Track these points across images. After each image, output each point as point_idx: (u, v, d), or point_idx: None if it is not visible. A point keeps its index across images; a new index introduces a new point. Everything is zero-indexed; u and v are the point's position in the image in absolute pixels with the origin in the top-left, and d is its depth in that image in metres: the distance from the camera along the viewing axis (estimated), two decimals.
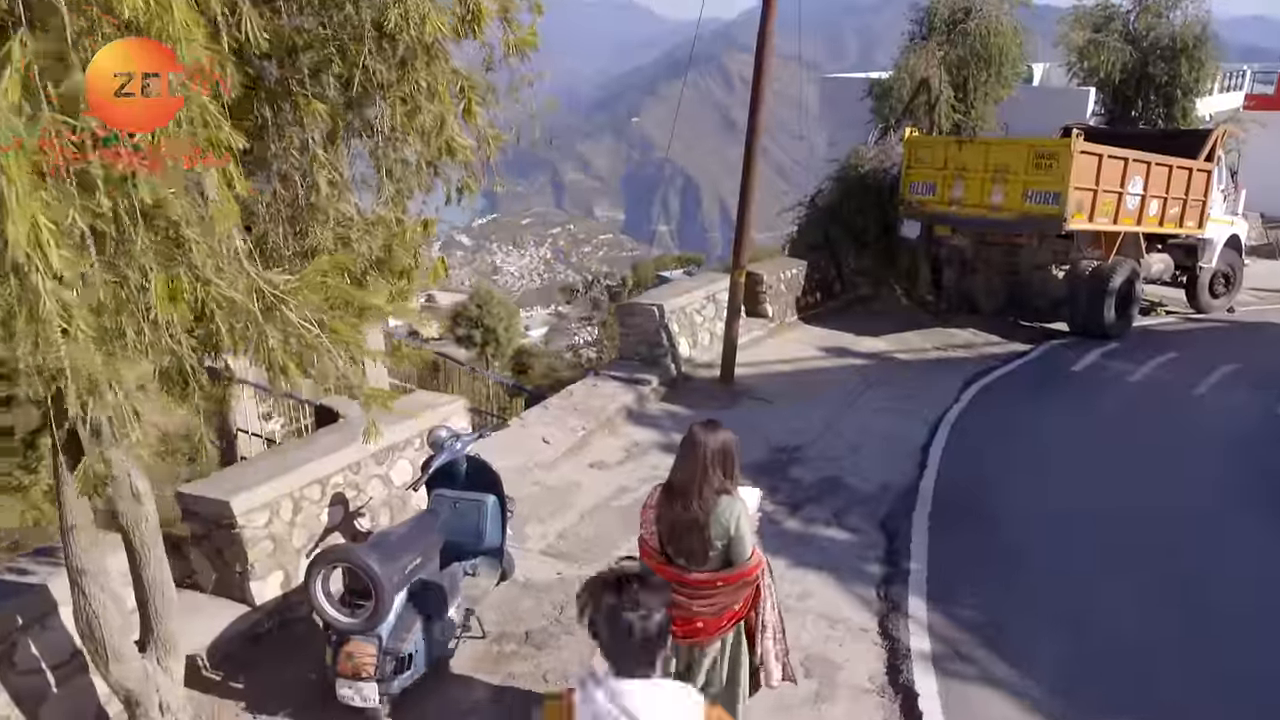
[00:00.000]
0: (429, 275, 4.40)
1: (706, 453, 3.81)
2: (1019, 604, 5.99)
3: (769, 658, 4.18)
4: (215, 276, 2.77)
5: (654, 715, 2.40)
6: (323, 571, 4.56)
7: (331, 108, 3.50)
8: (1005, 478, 8.01)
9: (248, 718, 4.88)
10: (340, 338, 3.00)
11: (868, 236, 13.85)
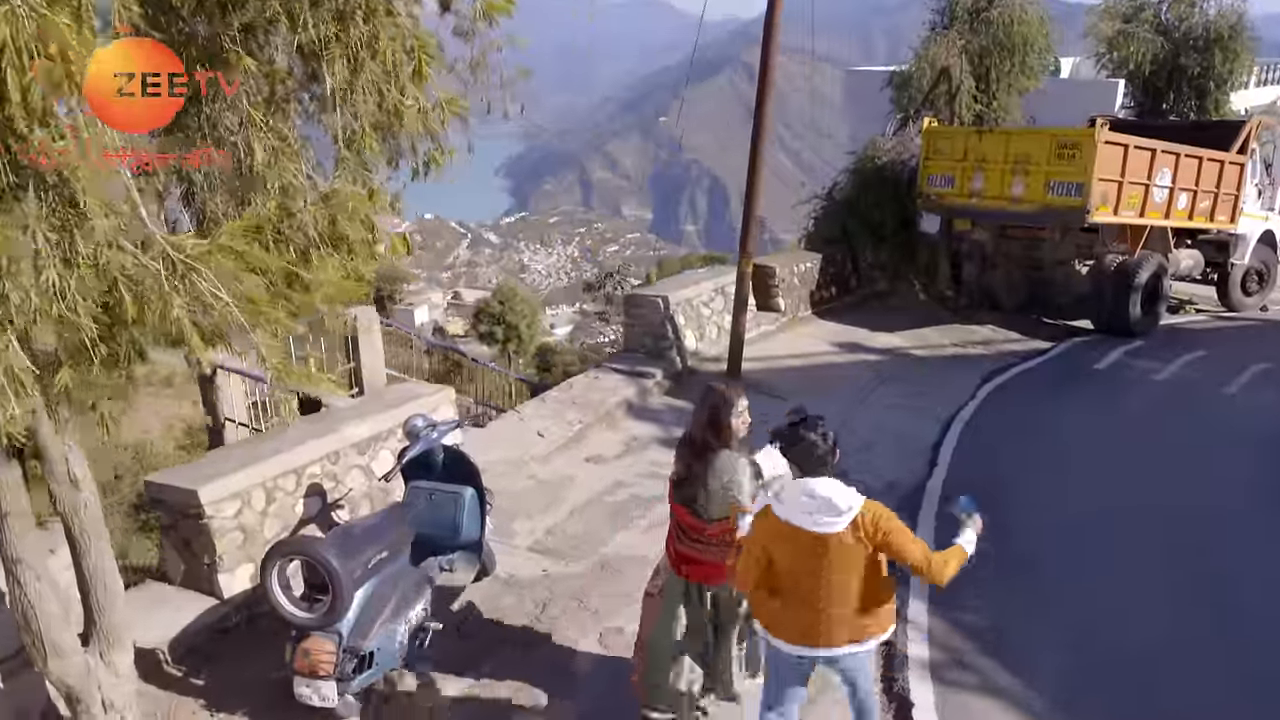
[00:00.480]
0: (390, 252, 4.15)
1: (714, 407, 4.04)
2: (1027, 609, 5.67)
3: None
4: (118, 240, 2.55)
5: (831, 493, 3.50)
6: (279, 564, 4.35)
7: (268, 68, 3.28)
8: (1019, 477, 7.67)
9: (205, 716, 4.68)
10: (259, 310, 2.76)
11: (885, 230, 13.49)
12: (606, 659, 5.17)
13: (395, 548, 4.78)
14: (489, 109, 4.23)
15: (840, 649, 3.72)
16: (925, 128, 12.62)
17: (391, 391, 6.96)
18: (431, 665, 4.92)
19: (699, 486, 4.07)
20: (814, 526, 3.51)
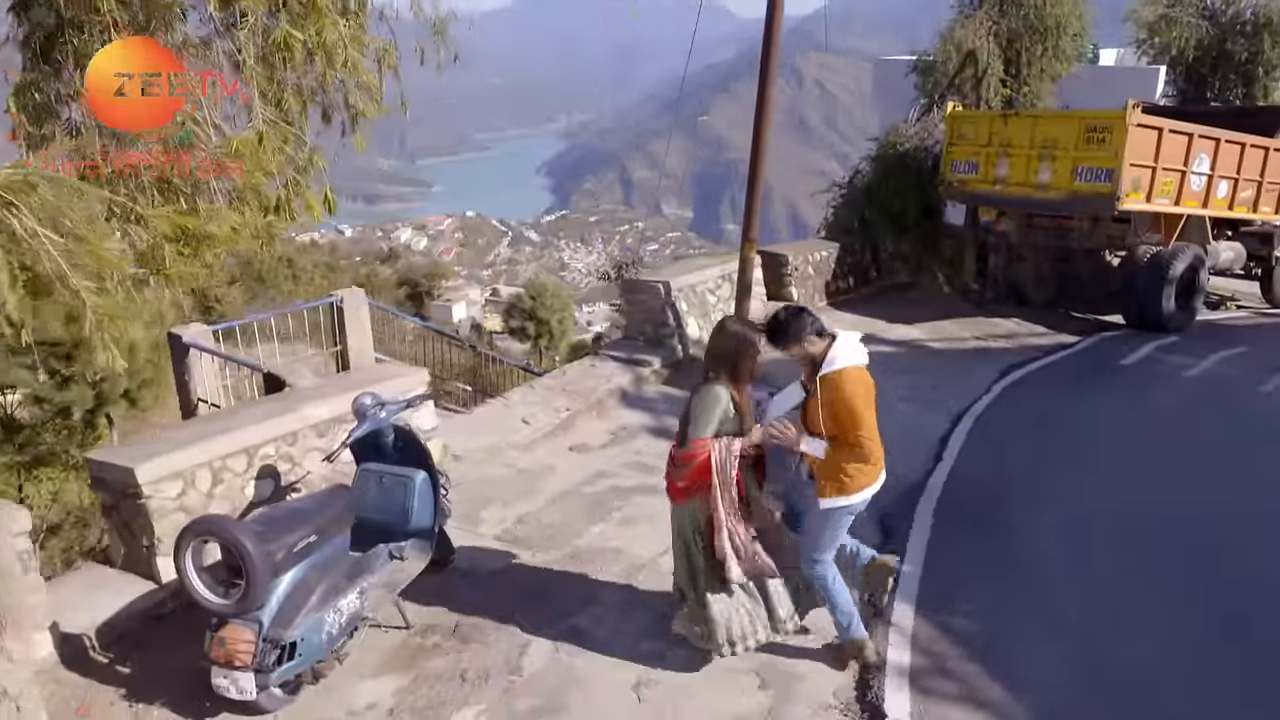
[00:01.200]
0: (306, 211, 3.85)
1: (738, 351, 4.29)
2: (1022, 614, 5.22)
3: (727, 558, 4.34)
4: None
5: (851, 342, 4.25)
6: (192, 544, 4.06)
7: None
8: (1030, 474, 7.19)
9: (123, 706, 4.40)
10: (93, 251, 2.46)
11: (906, 220, 12.97)
12: (558, 658, 4.83)
13: (326, 532, 4.47)
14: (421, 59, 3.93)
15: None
16: (949, 112, 12.09)
17: (361, 372, 6.68)
18: (373, 657, 4.62)
19: (686, 412, 4.39)
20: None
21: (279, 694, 4.32)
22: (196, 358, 7.06)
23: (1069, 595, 5.41)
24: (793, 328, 4.21)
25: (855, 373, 4.18)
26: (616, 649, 4.89)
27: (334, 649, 4.40)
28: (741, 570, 4.41)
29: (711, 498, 4.28)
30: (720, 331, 4.44)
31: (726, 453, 4.29)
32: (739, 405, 4.38)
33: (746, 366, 4.32)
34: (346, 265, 58.15)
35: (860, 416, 4.14)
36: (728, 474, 4.32)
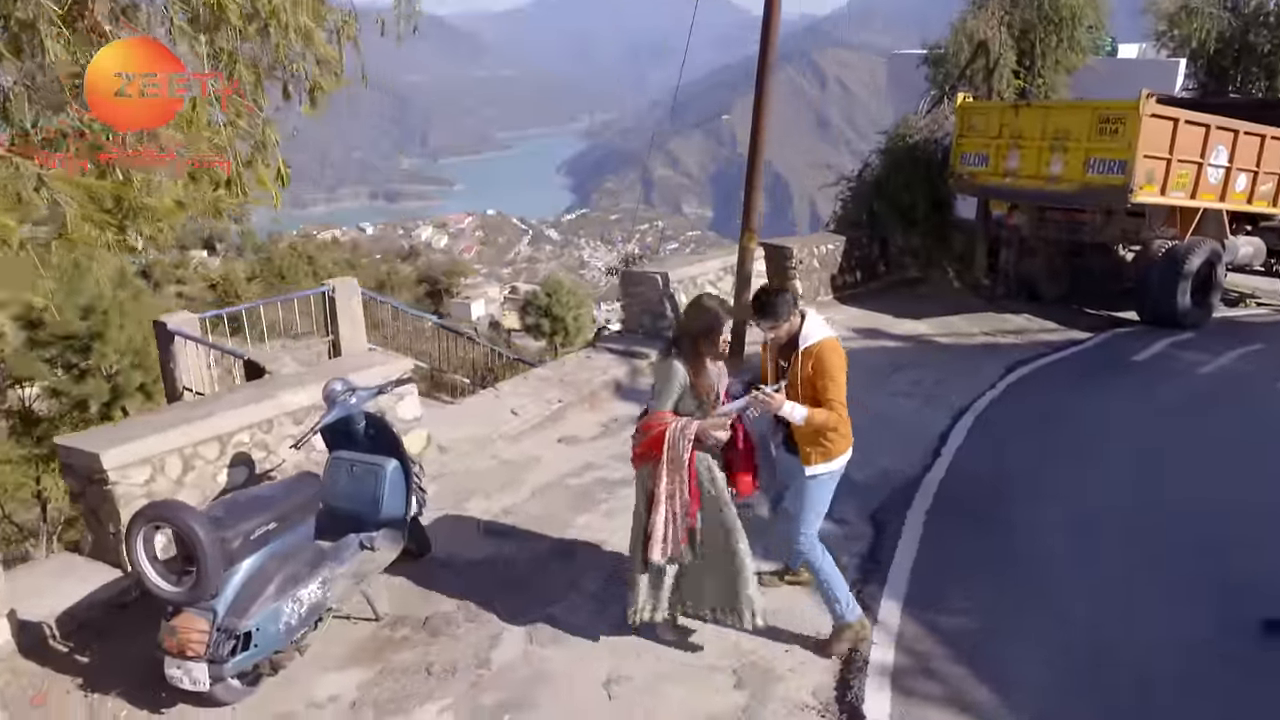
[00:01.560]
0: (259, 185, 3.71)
1: (710, 328, 4.25)
2: (1017, 613, 5.01)
3: (654, 531, 4.30)
4: None
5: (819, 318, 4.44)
6: (143, 530, 3.94)
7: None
8: (1032, 470, 6.96)
9: (78, 695, 4.30)
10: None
11: (915, 214, 12.71)
12: (530, 650, 4.69)
13: (289, 519, 4.35)
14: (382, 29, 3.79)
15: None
16: (959, 103, 11.84)
17: (345, 360, 6.56)
18: (338, 650, 4.49)
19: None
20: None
21: (237, 685, 4.21)
22: (181, 345, 6.97)
23: (1068, 593, 5.21)
24: (781, 304, 4.32)
25: (832, 343, 4.40)
26: (591, 643, 4.75)
27: (293, 640, 4.27)
28: (661, 553, 4.34)
29: (657, 474, 4.28)
30: (695, 305, 4.39)
31: (680, 434, 4.24)
32: (696, 385, 4.31)
33: (712, 345, 4.29)
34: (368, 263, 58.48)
35: (839, 384, 4.34)
36: (678, 453, 4.26)
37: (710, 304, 4.33)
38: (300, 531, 4.46)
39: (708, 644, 4.73)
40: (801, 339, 4.36)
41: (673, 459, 4.28)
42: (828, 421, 4.35)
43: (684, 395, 4.33)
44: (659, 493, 4.35)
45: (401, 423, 6.57)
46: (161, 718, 4.17)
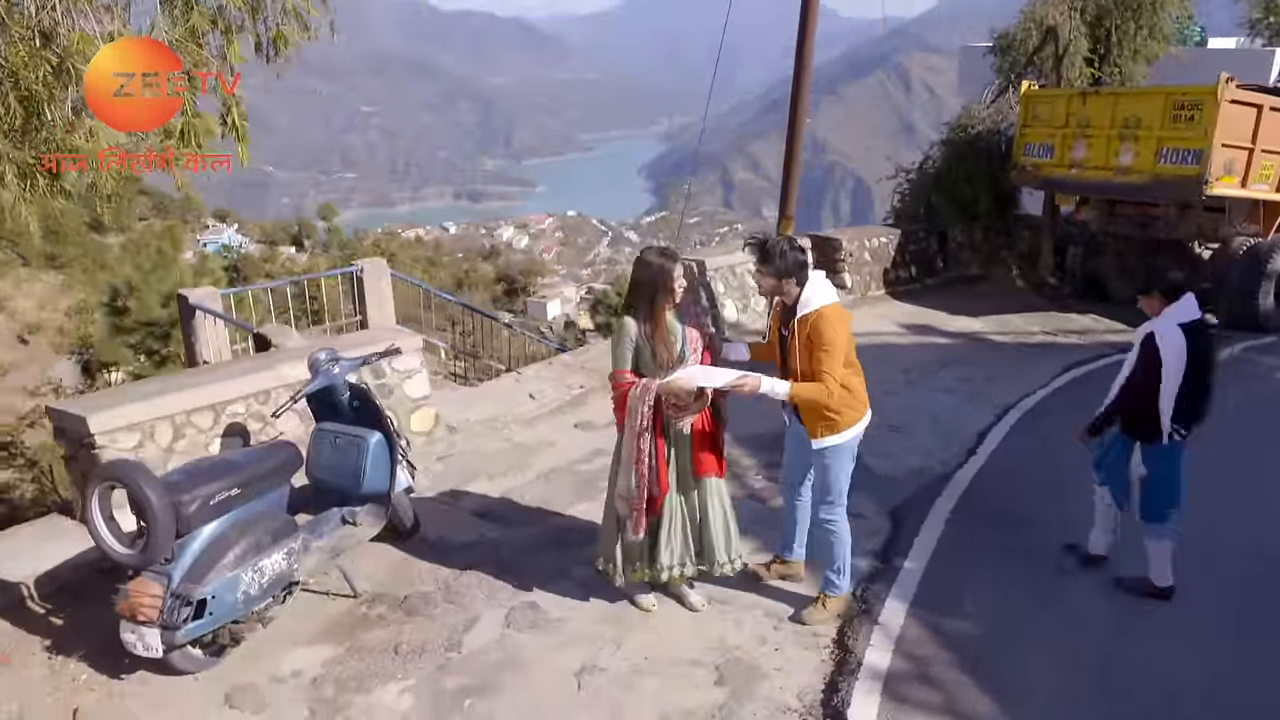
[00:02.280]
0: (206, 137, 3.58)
1: (636, 269, 4.14)
2: (1030, 619, 4.63)
3: (619, 493, 4.27)
4: None
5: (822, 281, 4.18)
6: (98, 489, 3.86)
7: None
8: (1071, 472, 6.40)
9: (43, 656, 4.26)
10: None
11: (977, 208, 12.15)
12: (505, 635, 4.49)
13: (254, 487, 4.23)
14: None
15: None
16: (1023, 91, 11.27)
17: (352, 334, 6.48)
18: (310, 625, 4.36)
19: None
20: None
21: (198, 654, 4.11)
22: (201, 319, 6.99)
23: (1087, 598, 4.78)
24: (775, 251, 4.07)
25: (833, 310, 4.12)
26: (570, 630, 4.54)
27: (254, 610, 4.15)
28: (625, 515, 4.29)
29: (625, 435, 4.20)
30: (639, 261, 4.21)
31: (639, 399, 4.10)
32: (654, 344, 4.15)
33: (665, 296, 4.13)
34: (449, 261, 59.47)
35: (834, 356, 4.05)
36: (636, 418, 4.10)
37: (652, 256, 4.16)
38: (268, 500, 4.34)
39: (693, 636, 4.49)
40: (800, 304, 4.11)
41: (632, 425, 4.15)
42: (817, 396, 4.08)
43: (642, 354, 4.17)
44: (623, 456, 4.26)
45: (409, 401, 6.47)
46: (120, 683, 4.09)
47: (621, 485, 4.27)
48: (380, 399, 6.14)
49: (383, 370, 6.26)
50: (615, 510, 4.34)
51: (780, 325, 4.32)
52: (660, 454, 4.23)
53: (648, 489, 4.22)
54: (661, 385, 4.09)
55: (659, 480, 4.24)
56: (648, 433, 4.12)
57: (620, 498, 4.27)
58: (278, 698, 4.04)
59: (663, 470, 4.25)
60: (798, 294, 4.13)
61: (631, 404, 4.13)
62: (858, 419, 4.34)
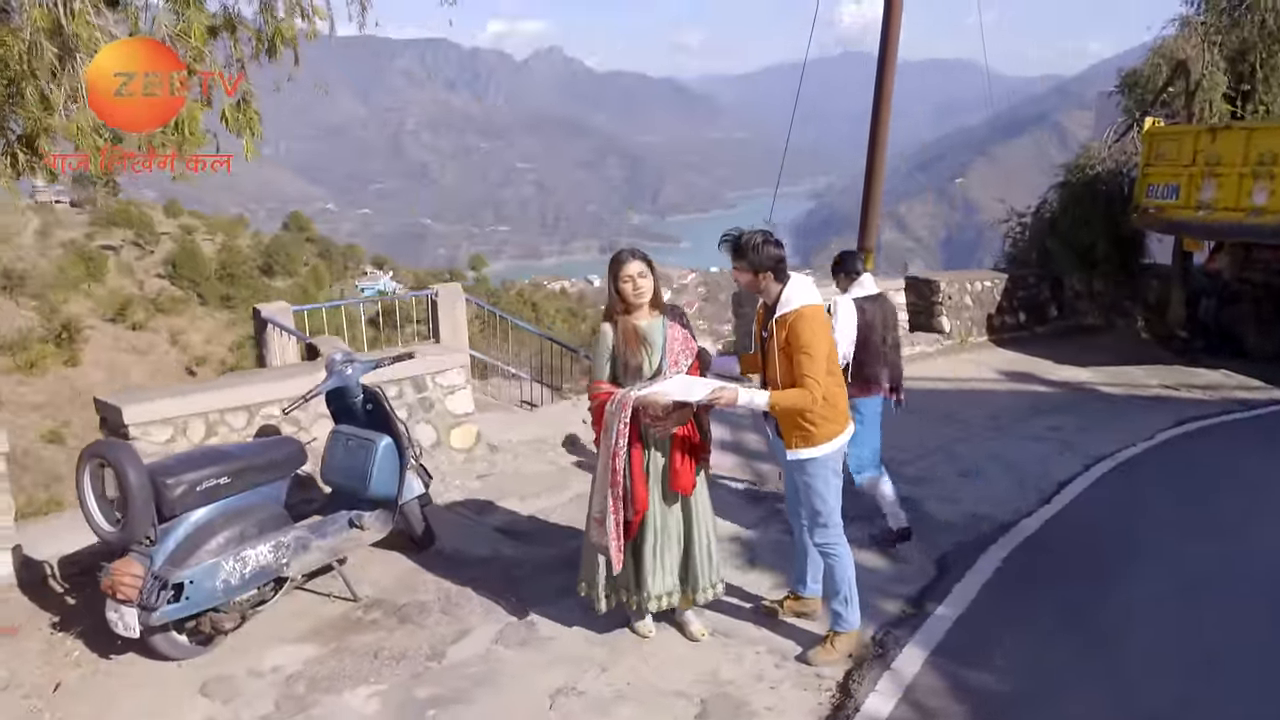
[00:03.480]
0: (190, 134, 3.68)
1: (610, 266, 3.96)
2: (1065, 685, 4.10)
3: (589, 518, 4.09)
4: None
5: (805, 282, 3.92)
6: (89, 466, 3.98)
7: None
8: (1154, 530, 5.82)
9: (46, 631, 4.39)
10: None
11: (1095, 254, 11.35)
12: (492, 649, 4.33)
13: (245, 477, 4.26)
14: None
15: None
16: (1146, 128, 10.53)
17: (393, 350, 6.58)
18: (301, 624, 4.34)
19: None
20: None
21: (183, 641, 4.14)
22: (272, 332, 7.28)
23: (1136, 670, 4.21)
24: (751, 246, 3.85)
25: (811, 311, 3.87)
26: (558, 650, 4.34)
27: (235, 600, 4.15)
28: (599, 537, 4.04)
29: (600, 452, 3.99)
30: (613, 260, 4.04)
31: (614, 414, 3.86)
32: (626, 348, 3.96)
33: (622, 284, 3.96)
34: (592, 313, 60.94)
35: (815, 359, 3.77)
36: (611, 434, 3.87)
37: (624, 254, 4.00)
38: (262, 492, 4.37)
39: (685, 667, 4.20)
40: (780, 304, 3.87)
41: (607, 443, 3.93)
42: (799, 403, 3.80)
43: (617, 364, 3.99)
44: (597, 472, 4.04)
45: (451, 416, 6.48)
46: (108, 663, 4.16)
47: (596, 507, 4.05)
48: (421, 412, 6.21)
49: (425, 384, 6.30)
50: (590, 531, 4.13)
51: (761, 327, 4.08)
52: (637, 472, 4.00)
53: (622, 513, 4.00)
54: (637, 398, 3.89)
55: (634, 501, 4.01)
56: (623, 451, 3.90)
57: (595, 521, 4.05)
58: (249, 690, 4.00)
59: (640, 490, 4.02)
60: (778, 292, 3.89)
61: (607, 419, 3.92)
62: (838, 432, 4.02)
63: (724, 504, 6.10)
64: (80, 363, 39.18)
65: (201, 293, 61.47)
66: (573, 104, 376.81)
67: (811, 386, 3.75)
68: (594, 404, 4.04)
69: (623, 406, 3.84)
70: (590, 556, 4.24)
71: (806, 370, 3.75)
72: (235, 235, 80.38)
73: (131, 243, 70.05)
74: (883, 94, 7.76)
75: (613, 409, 3.86)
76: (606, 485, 3.95)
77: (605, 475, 3.95)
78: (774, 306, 3.89)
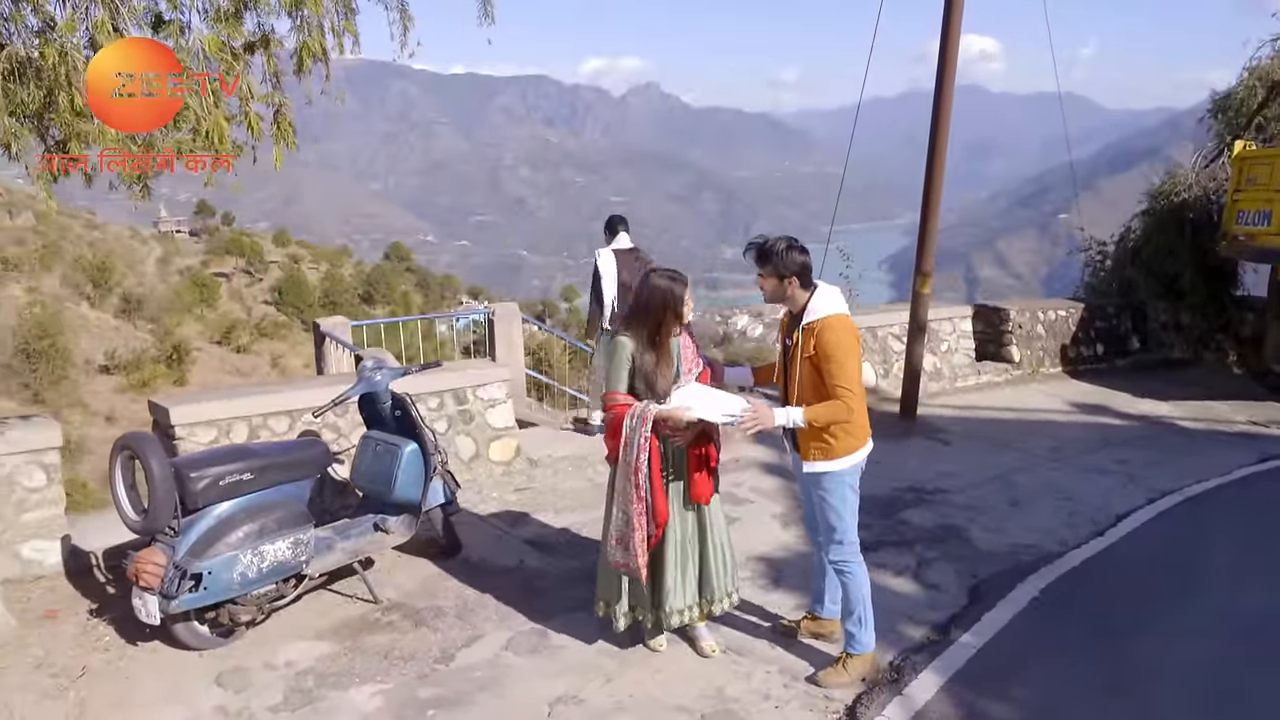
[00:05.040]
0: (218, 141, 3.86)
1: (642, 291, 3.91)
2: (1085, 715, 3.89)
3: (610, 533, 3.99)
4: None
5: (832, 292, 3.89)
6: (119, 457, 4.18)
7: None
8: (1216, 569, 5.48)
9: (83, 617, 4.60)
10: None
11: (1182, 284, 10.84)
12: (500, 656, 4.35)
13: (268, 475, 4.40)
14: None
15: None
16: (1236, 152, 10.05)
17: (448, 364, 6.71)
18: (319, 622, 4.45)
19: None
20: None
21: (204, 632, 4.29)
22: (330, 345, 7.54)
23: (1162, 711, 3.95)
24: (776, 251, 3.81)
25: (839, 320, 3.79)
26: (567, 660, 4.33)
27: (252, 593, 4.28)
28: (619, 556, 3.96)
29: (619, 468, 3.93)
30: (645, 284, 3.95)
31: (634, 431, 3.82)
32: (656, 369, 3.89)
33: (674, 323, 3.91)
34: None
35: (844, 367, 3.72)
36: (632, 450, 3.78)
37: (660, 279, 3.90)
38: (286, 490, 4.50)
39: (691, 682, 4.14)
40: (807, 312, 3.81)
41: (627, 459, 3.88)
42: (836, 415, 3.74)
43: (636, 379, 3.92)
44: (615, 490, 4.00)
45: (490, 429, 6.57)
46: (134, 649, 4.33)
47: (616, 527, 3.98)
48: (461, 424, 6.32)
49: (465, 396, 6.41)
50: (607, 551, 4.07)
51: (784, 336, 4.01)
52: (657, 485, 3.96)
53: (645, 529, 3.95)
54: (659, 412, 3.87)
55: (655, 515, 3.97)
56: (644, 467, 3.84)
57: (615, 542, 3.98)
58: (261, 682, 4.11)
59: (660, 503, 3.99)
60: (805, 300, 3.83)
61: (627, 434, 3.87)
62: (857, 446, 3.92)
63: (756, 524, 6.03)
64: (187, 383, 41.15)
65: (304, 319, 64.12)
66: (668, 139, 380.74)
67: (845, 396, 3.69)
68: (610, 416, 3.98)
69: (643, 421, 3.81)
70: (607, 575, 4.22)
71: (839, 380, 3.69)
72: (339, 264, 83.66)
73: (242, 270, 73.61)
74: (940, 120, 7.63)
75: (632, 423, 3.82)
76: (628, 502, 3.90)
77: (627, 491, 3.90)
78: (800, 315, 3.84)
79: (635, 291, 4.03)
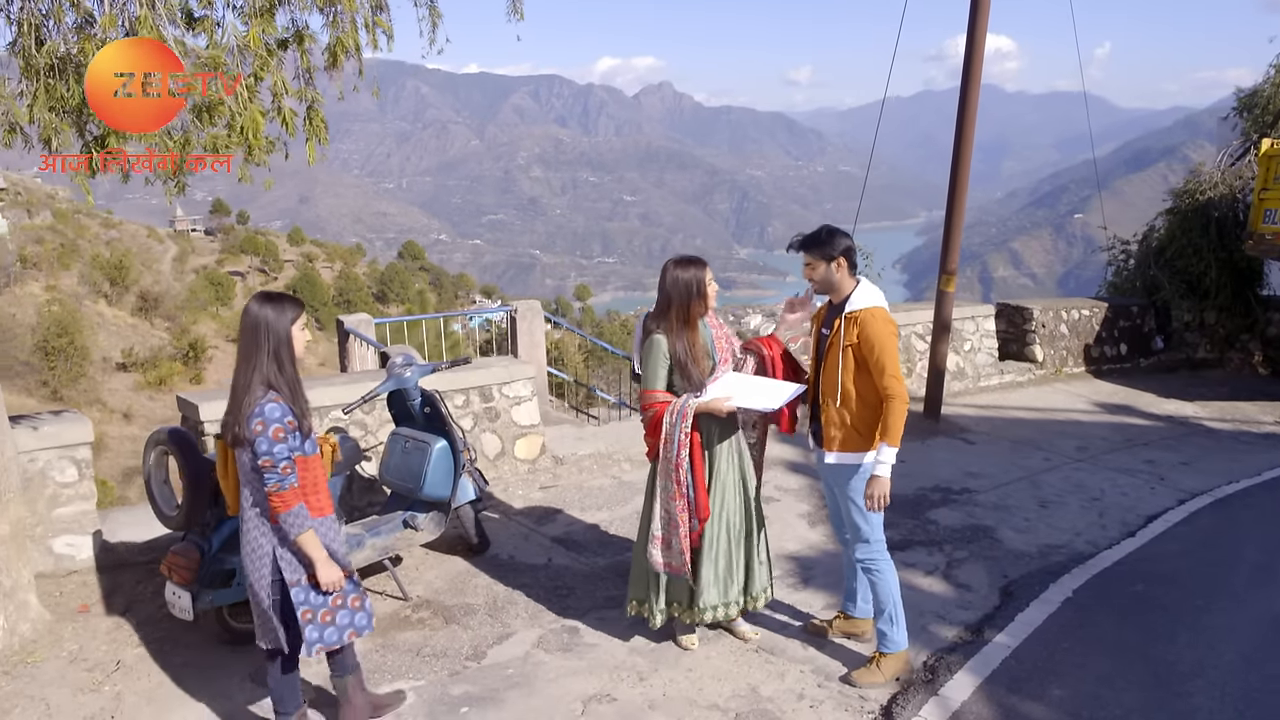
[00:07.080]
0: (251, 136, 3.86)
1: (663, 283, 3.88)
2: (1124, 715, 3.85)
3: (653, 532, 3.98)
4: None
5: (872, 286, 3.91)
6: (153, 453, 4.18)
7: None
8: (1246, 568, 5.43)
9: (118, 612, 4.61)
10: None
11: (1206, 283, 10.75)
12: (532, 653, 4.34)
13: None
14: None
15: None
16: (1263, 150, 9.94)
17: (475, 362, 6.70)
18: None
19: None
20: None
21: (238, 627, 4.28)
22: (353, 341, 7.55)
23: (1200, 713, 3.91)
24: (827, 237, 3.84)
25: (883, 313, 3.82)
26: (598, 657, 4.32)
27: None
28: (660, 558, 3.96)
29: (660, 465, 3.91)
30: (667, 275, 3.94)
31: (674, 425, 3.81)
32: (690, 358, 3.88)
33: (700, 306, 3.91)
34: None
35: (893, 357, 3.75)
36: (673, 446, 3.78)
37: (679, 268, 3.90)
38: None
39: (724, 681, 4.12)
40: (850, 301, 3.83)
41: (667, 455, 3.87)
42: (900, 412, 3.74)
43: (675, 373, 3.90)
44: (658, 489, 4.00)
45: (516, 427, 6.57)
46: (169, 645, 4.33)
47: (659, 525, 3.97)
48: (487, 421, 6.31)
49: (491, 394, 6.41)
50: (648, 552, 4.05)
51: (822, 325, 3.99)
52: (700, 481, 3.95)
53: (687, 525, 3.94)
54: (700, 405, 3.85)
55: (698, 510, 3.96)
56: (685, 462, 3.84)
57: (658, 540, 3.97)
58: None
59: (703, 498, 3.97)
60: (851, 288, 3.84)
61: (667, 430, 3.86)
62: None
63: (786, 522, 6.01)
64: (203, 380, 41.39)
65: (319, 317, 64.39)
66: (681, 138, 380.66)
67: (894, 386, 3.71)
68: (649, 415, 3.96)
69: (683, 416, 3.80)
70: (641, 573, 4.21)
71: (890, 371, 3.71)
72: (353, 263, 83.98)
73: (257, 269, 73.97)
74: (965, 121, 7.57)
75: (672, 420, 3.82)
76: (670, 499, 3.90)
77: (669, 488, 3.89)
78: (842, 304, 3.85)
79: (658, 286, 4.00)
